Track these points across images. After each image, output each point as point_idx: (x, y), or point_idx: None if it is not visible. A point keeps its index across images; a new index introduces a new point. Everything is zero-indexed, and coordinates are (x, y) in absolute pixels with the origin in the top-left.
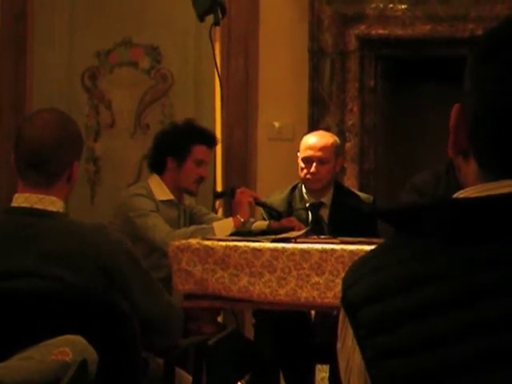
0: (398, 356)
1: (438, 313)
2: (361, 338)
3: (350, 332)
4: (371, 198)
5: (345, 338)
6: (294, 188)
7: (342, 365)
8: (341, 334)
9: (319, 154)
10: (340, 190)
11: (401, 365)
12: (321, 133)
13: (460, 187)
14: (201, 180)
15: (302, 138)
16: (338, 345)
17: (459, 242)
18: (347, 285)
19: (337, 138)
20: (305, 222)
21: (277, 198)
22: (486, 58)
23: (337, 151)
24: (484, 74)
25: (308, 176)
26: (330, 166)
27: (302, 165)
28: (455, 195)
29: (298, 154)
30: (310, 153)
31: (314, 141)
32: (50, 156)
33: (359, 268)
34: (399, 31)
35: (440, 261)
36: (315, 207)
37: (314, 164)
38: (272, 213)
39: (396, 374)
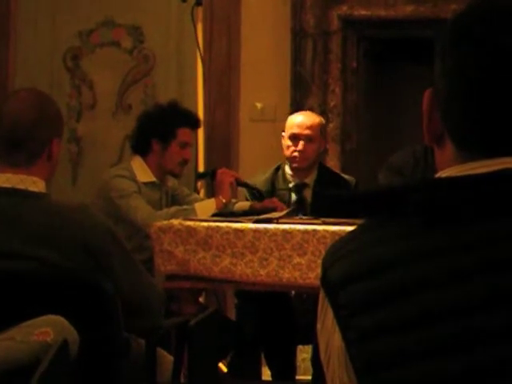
0: (378, 336)
1: (419, 293)
2: (340, 318)
3: (330, 313)
4: (354, 180)
5: (324, 319)
6: (277, 169)
7: (321, 346)
8: (320, 315)
9: (307, 131)
10: (323, 171)
11: (381, 345)
12: (307, 112)
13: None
14: (185, 162)
15: (284, 119)
16: (318, 326)
17: (443, 222)
18: (327, 265)
19: (322, 119)
20: (287, 202)
21: (260, 179)
22: (456, 41)
23: (323, 131)
24: (457, 54)
25: (295, 154)
26: (316, 146)
27: (288, 143)
28: (437, 175)
29: (283, 133)
30: (297, 130)
31: (301, 119)
32: (27, 134)
33: (339, 249)
34: (382, 12)
35: (423, 240)
36: (299, 188)
37: (302, 142)
38: (254, 193)
39: (376, 355)
